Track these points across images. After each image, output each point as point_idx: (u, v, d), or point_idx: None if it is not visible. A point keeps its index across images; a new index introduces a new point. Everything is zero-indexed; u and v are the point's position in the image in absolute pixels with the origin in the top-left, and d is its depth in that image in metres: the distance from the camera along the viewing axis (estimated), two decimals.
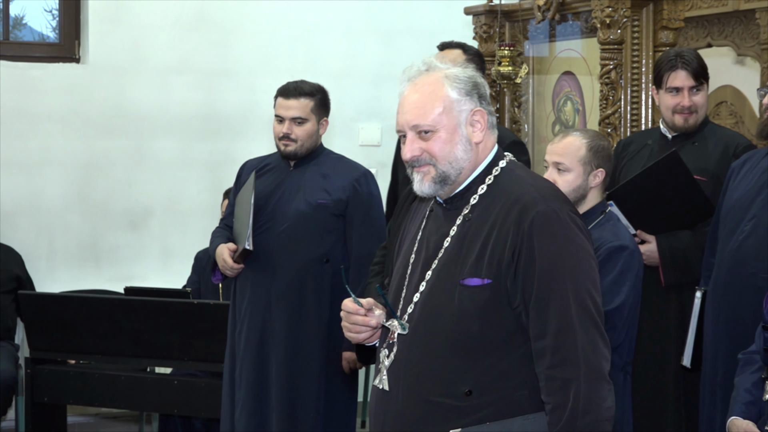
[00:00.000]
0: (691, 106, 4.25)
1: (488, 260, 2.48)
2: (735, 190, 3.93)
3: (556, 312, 2.43)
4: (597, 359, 2.44)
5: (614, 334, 3.48)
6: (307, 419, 4.46)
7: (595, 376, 2.43)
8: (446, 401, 2.48)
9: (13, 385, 5.57)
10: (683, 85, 4.24)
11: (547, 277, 2.44)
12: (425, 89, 2.55)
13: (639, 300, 3.61)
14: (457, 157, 2.54)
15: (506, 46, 5.51)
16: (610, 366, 2.49)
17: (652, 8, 5.03)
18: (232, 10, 6.64)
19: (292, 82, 4.56)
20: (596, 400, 2.42)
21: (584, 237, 2.51)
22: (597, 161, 3.64)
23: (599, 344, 2.45)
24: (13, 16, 6.67)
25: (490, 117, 2.59)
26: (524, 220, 2.47)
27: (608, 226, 3.62)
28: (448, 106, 2.53)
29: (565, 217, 2.49)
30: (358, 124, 6.89)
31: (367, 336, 2.67)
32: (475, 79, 2.58)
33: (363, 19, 6.91)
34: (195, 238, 6.29)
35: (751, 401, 3.31)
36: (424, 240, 2.63)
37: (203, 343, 4.91)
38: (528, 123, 5.85)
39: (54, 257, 6.34)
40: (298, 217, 4.48)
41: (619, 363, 3.59)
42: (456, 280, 2.50)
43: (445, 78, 2.55)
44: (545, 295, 2.44)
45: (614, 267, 3.50)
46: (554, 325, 2.43)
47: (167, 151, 6.55)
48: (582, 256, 2.49)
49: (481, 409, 2.46)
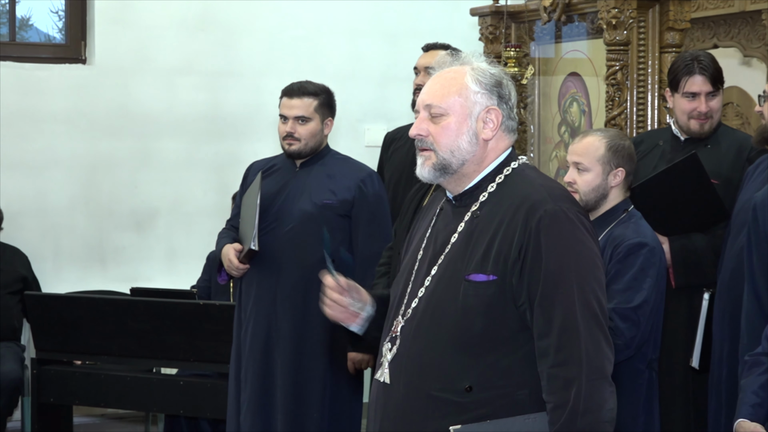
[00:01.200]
0: (708, 112, 4.21)
1: (494, 257, 2.48)
2: (745, 192, 3.93)
3: (561, 311, 2.43)
4: (600, 360, 2.43)
5: (638, 332, 3.49)
6: (312, 420, 4.46)
7: (597, 376, 2.42)
8: (446, 396, 2.48)
9: (19, 386, 5.58)
10: (700, 91, 4.20)
11: (553, 276, 2.44)
12: (449, 75, 2.57)
13: (663, 297, 3.62)
14: (460, 147, 2.55)
15: (512, 47, 5.51)
16: (636, 363, 2.47)
17: (658, 9, 5.02)
18: (237, 11, 6.65)
19: (296, 82, 4.58)
20: (597, 401, 2.41)
21: (591, 238, 2.52)
22: (617, 161, 3.65)
23: (603, 345, 2.45)
24: (20, 17, 6.68)
25: (508, 120, 2.59)
26: (532, 219, 2.47)
27: (630, 224, 3.64)
28: (464, 95, 2.55)
29: (573, 217, 2.49)
30: (363, 126, 6.90)
31: (344, 317, 2.68)
32: (500, 78, 2.58)
33: (368, 20, 6.92)
34: (201, 239, 6.30)
35: (759, 403, 3.30)
36: (432, 237, 2.64)
37: (209, 344, 4.91)
38: (534, 124, 5.84)
39: (60, 258, 6.35)
40: (304, 218, 4.49)
41: (645, 360, 3.60)
42: (461, 275, 2.50)
43: (470, 69, 2.57)
44: (551, 293, 2.44)
45: (634, 264, 3.52)
46: (558, 324, 2.42)
47: (173, 151, 6.55)
48: (588, 257, 2.49)
49: (481, 406, 2.46)
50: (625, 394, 3.57)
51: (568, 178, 3.69)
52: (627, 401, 3.57)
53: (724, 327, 3.92)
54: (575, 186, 3.67)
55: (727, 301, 3.90)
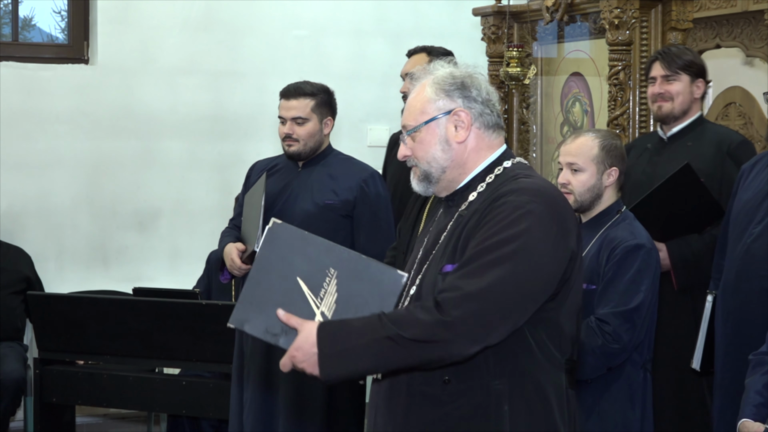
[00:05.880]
0: (664, 93, 4.36)
1: (461, 246, 2.52)
2: (745, 192, 3.93)
3: (475, 262, 2.43)
4: (485, 305, 2.40)
5: (634, 333, 3.52)
6: (314, 420, 4.46)
7: (470, 311, 2.39)
8: (425, 389, 2.51)
9: (21, 386, 5.58)
10: (656, 75, 4.38)
11: (480, 245, 2.45)
12: (414, 93, 2.65)
13: (657, 298, 3.64)
14: (434, 156, 2.61)
15: (514, 47, 5.52)
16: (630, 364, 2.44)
17: (660, 9, 5.02)
18: (240, 11, 6.65)
19: (293, 83, 4.59)
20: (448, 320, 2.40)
21: (550, 236, 2.46)
22: (610, 160, 3.68)
23: (502, 308, 2.41)
24: (22, 18, 6.68)
25: (482, 117, 2.60)
26: (493, 205, 2.51)
27: (624, 225, 3.66)
28: (426, 108, 2.61)
29: (536, 210, 2.47)
30: (366, 125, 6.90)
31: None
32: (463, 79, 2.62)
33: (371, 20, 6.92)
34: (203, 239, 6.30)
35: (762, 403, 3.30)
36: (428, 237, 2.69)
37: (212, 344, 4.91)
38: (536, 124, 5.84)
39: (63, 258, 6.35)
40: (306, 218, 4.48)
41: (639, 361, 3.61)
42: (439, 269, 2.55)
43: (429, 80, 2.63)
44: (472, 256, 2.44)
45: (632, 266, 3.54)
46: (466, 266, 2.43)
47: (176, 152, 6.55)
48: (529, 245, 2.43)
49: (459, 398, 2.49)
50: (619, 394, 3.58)
51: (562, 179, 3.70)
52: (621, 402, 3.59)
53: (728, 329, 3.92)
54: (570, 187, 3.68)
55: (733, 303, 3.90)
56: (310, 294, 2.53)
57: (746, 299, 3.83)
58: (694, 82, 4.35)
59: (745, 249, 3.85)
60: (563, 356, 2.55)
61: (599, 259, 3.60)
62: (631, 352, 3.56)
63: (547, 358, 2.51)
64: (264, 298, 2.52)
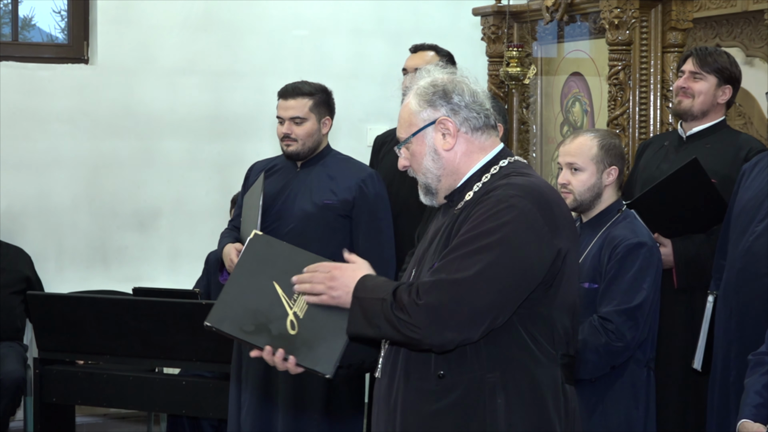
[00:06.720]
0: (687, 89, 4.33)
1: (450, 243, 2.54)
2: (746, 191, 3.94)
3: (456, 255, 2.45)
4: (467, 291, 2.42)
5: (637, 331, 3.54)
6: (313, 420, 4.46)
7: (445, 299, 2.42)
8: (421, 384, 2.54)
9: (21, 386, 5.58)
10: (686, 69, 4.36)
11: (462, 237, 2.48)
12: (405, 105, 2.68)
13: (659, 296, 3.65)
14: (427, 167, 2.64)
15: (514, 47, 5.51)
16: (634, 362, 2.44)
17: (660, 9, 5.02)
18: (240, 10, 6.65)
19: (291, 83, 4.59)
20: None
21: (534, 233, 2.47)
22: (609, 159, 3.69)
23: (484, 296, 2.42)
24: (22, 17, 6.68)
25: (468, 121, 2.61)
26: (480, 201, 2.53)
27: (625, 224, 3.67)
28: (413, 120, 2.64)
29: (520, 205, 2.47)
30: (366, 125, 6.90)
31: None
32: (444, 86, 2.62)
33: (371, 19, 6.92)
34: (203, 239, 6.30)
35: (762, 403, 3.29)
36: (426, 238, 2.72)
37: (211, 344, 4.91)
38: (536, 124, 5.84)
39: (62, 258, 6.36)
40: (305, 218, 4.49)
41: (643, 359, 3.63)
42: (431, 266, 2.56)
43: (413, 93, 2.66)
44: (455, 247, 2.47)
45: (633, 264, 3.56)
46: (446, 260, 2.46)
47: (175, 151, 6.55)
48: (510, 239, 2.44)
49: (453, 391, 2.51)
50: (623, 393, 3.58)
51: (562, 180, 3.71)
52: (624, 400, 3.59)
53: (729, 328, 3.92)
54: (570, 187, 3.68)
55: (735, 302, 3.90)
56: (284, 296, 2.63)
57: (748, 298, 3.83)
58: (721, 87, 4.34)
59: (747, 248, 3.84)
60: (557, 351, 2.55)
61: (601, 258, 3.61)
62: (634, 350, 3.57)
63: (541, 353, 2.52)
64: (240, 300, 2.65)
